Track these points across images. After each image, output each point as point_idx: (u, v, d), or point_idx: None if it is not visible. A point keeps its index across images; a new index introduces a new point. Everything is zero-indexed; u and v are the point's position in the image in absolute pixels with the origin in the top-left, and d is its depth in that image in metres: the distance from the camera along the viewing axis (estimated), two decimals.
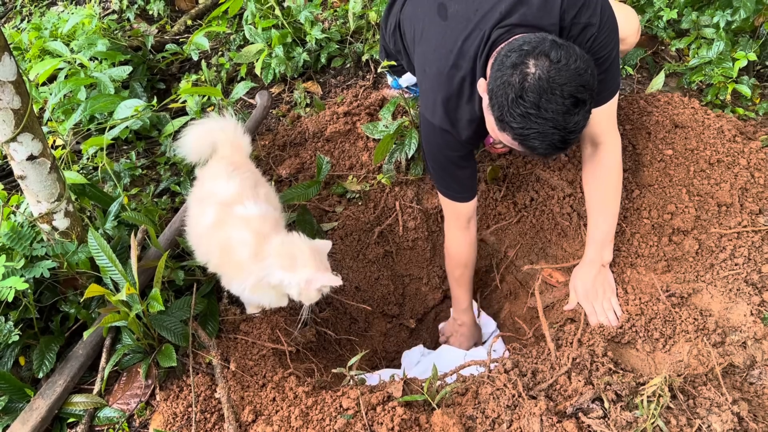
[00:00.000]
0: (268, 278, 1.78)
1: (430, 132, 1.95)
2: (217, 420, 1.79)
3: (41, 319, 1.98)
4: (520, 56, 1.51)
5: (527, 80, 1.49)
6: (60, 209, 1.94)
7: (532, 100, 1.49)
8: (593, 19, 1.76)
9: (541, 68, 1.48)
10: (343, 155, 2.71)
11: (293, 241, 1.81)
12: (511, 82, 1.51)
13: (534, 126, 1.52)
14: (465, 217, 2.15)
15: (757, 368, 1.78)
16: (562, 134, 1.53)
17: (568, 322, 2.10)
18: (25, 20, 3.97)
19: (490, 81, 1.60)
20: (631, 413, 1.57)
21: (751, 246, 2.02)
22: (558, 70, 1.48)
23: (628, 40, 2.19)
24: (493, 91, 1.58)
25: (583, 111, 1.54)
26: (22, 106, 1.70)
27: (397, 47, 2.21)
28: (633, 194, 2.26)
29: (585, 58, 1.52)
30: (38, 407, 1.76)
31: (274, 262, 1.77)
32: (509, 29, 1.71)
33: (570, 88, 1.48)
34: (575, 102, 1.50)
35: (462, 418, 1.66)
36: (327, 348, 2.32)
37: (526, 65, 1.50)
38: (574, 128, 1.53)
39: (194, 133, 2.11)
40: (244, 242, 1.79)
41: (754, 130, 2.40)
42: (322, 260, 1.82)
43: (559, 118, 1.50)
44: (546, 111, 1.49)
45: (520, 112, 1.51)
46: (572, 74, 1.48)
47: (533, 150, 1.59)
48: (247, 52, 2.95)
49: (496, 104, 1.57)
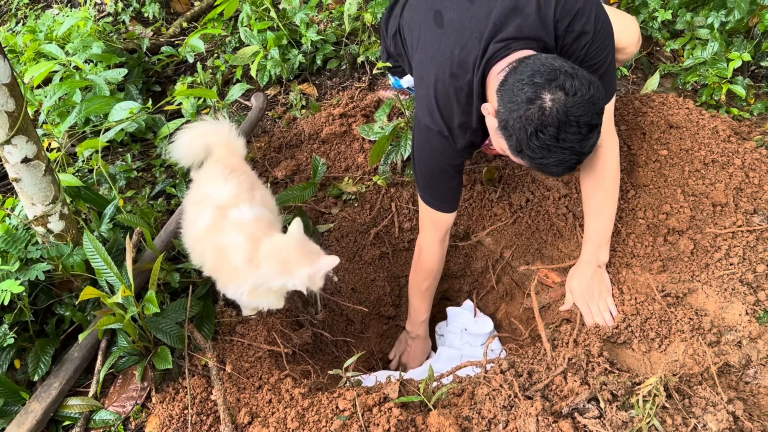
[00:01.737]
0: (267, 284, 1.78)
1: (426, 137, 1.94)
2: (213, 422, 1.78)
3: (36, 321, 1.97)
4: (535, 90, 1.54)
5: (545, 115, 1.53)
6: (55, 212, 1.93)
7: (552, 134, 1.53)
8: (587, 26, 1.77)
9: (558, 103, 1.52)
10: (338, 157, 2.71)
11: (279, 243, 1.80)
12: (528, 116, 1.54)
13: (554, 156, 1.57)
14: (443, 228, 2.15)
15: (753, 367, 1.79)
16: (579, 158, 1.60)
17: (564, 322, 2.10)
18: (20, 23, 3.96)
19: (502, 111, 1.62)
20: (626, 413, 1.57)
21: (746, 246, 2.02)
22: (574, 103, 1.52)
23: (627, 50, 2.18)
24: (508, 122, 1.60)
25: (597, 133, 1.60)
26: (17, 108, 1.70)
27: (397, 50, 2.21)
28: (628, 194, 2.26)
29: (596, 84, 1.57)
30: (33, 410, 1.75)
31: (268, 270, 1.76)
32: (506, 44, 1.72)
33: (586, 118, 1.53)
34: (590, 129, 1.56)
35: (458, 418, 1.66)
36: (323, 350, 2.32)
37: (542, 100, 1.53)
38: (589, 150, 1.61)
39: (187, 137, 2.10)
40: (238, 247, 1.78)
41: (749, 131, 2.41)
42: (311, 249, 1.81)
43: (576, 146, 1.56)
44: (565, 141, 1.54)
45: (539, 145, 1.56)
46: (587, 105, 1.53)
47: (550, 174, 1.67)
48: (243, 54, 2.95)
49: (513, 136, 1.60)
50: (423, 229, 2.20)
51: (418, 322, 2.40)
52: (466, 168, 2.60)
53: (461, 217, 2.53)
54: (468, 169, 2.59)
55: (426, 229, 2.18)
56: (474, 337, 2.44)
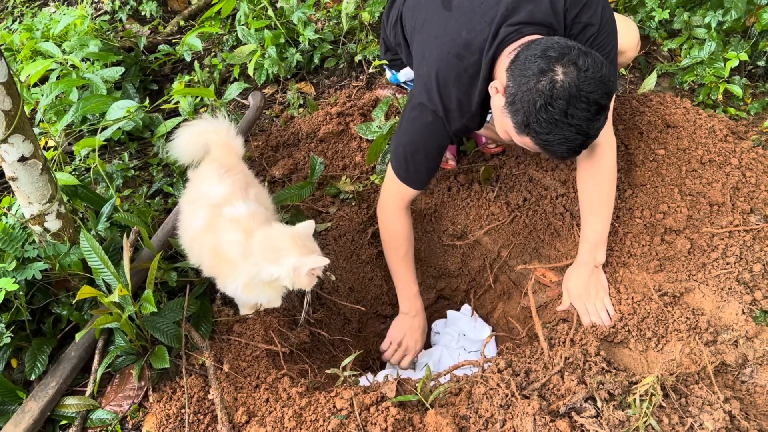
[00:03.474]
0: (259, 276, 1.78)
1: (419, 113, 1.92)
2: (210, 421, 1.78)
3: (33, 321, 1.97)
4: (548, 63, 1.53)
5: (556, 87, 1.52)
6: (52, 211, 1.93)
7: (561, 108, 1.52)
8: (593, 19, 1.78)
9: (571, 76, 1.51)
10: (336, 156, 2.71)
11: (273, 232, 1.79)
12: (538, 88, 1.54)
13: (560, 132, 1.56)
14: (408, 200, 2.16)
15: (749, 367, 1.79)
16: (584, 139, 1.58)
17: (560, 321, 2.11)
18: (17, 21, 3.95)
19: (512, 85, 1.61)
20: (623, 412, 1.58)
21: (743, 245, 2.03)
22: (585, 79, 1.51)
23: (627, 53, 2.19)
24: (516, 95, 1.59)
25: (604, 116, 1.58)
26: (13, 107, 1.69)
27: (396, 40, 2.21)
28: (625, 194, 2.27)
29: (608, 66, 1.56)
30: (30, 409, 1.75)
31: (259, 258, 1.75)
32: (518, 28, 1.72)
33: (596, 96, 1.52)
34: (599, 109, 1.55)
35: (455, 417, 1.66)
36: (321, 349, 2.32)
37: (554, 72, 1.52)
38: (595, 134, 1.60)
39: (187, 135, 2.10)
40: (234, 241, 1.78)
41: (746, 130, 2.41)
42: (306, 243, 1.80)
43: (584, 124, 1.54)
44: (573, 118, 1.53)
45: (547, 119, 1.54)
46: (598, 83, 1.52)
47: (553, 154, 1.64)
48: (240, 53, 2.95)
49: (520, 109, 1.59)
50: (387, 199, 2.19)
51: (411, 295, 2.33)
52: (463, 167, 2.60)
53: (458, 216, 2.53)
54: (465, 168, 2.60)
55: (391, 199, 2.18)
56: (471, 343, 2.44)
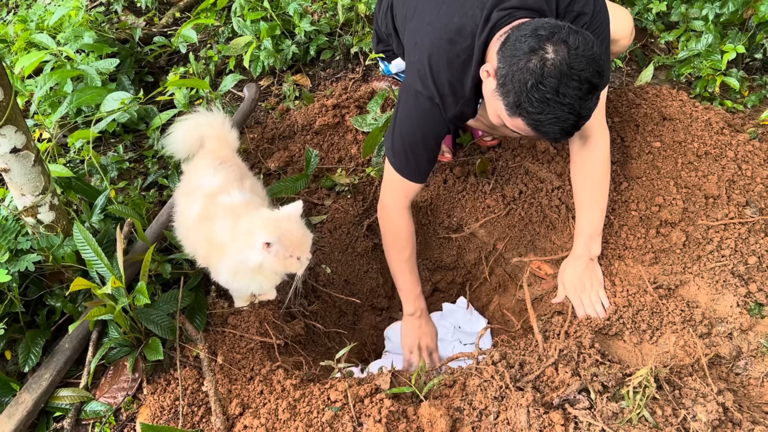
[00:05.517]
0: (246, 262, 1.75)
1: (416, 103, 1.89)
2: (204, 413, 1.78)
3: (27, 312, 1.96)
4: (538, 41, 1.52)
5: (546, 66, 1.51)
6: (45, 202, 1.92)
7: (552, 86, 1.51)
8: (586, 8, 1.78)
9: (561, 54, 1.50)
10: (332, 148, 2.70)
11: (251, 217, 1.77)
12: (529, 67, 1.53)
13: (551, 111, 1.54)
14: (410, 196, 2.10)
15: (743, 359, 1.79)
16: (576, 119, 1.56)
17: (555, 314, 2.10)
18: (11, 12, 3.93)
19: (503, 66, 1.60)
20: (617, 404, 1.58)
21: (738, 238, 2.03)
22: (576, 56, 1.50)
23: (621, 42, 2.18)
24: (507, 76, 1.58)
25: (596, 96, 1.57)
26: (5, 98, 1.68)
27: (388, 30, 2.19)
28: (621, 186, 2.26)
29: (599, 45, 1.55)
30: (24, 401, 1.75)
31: (241, 243, 1.73)
32: (510, 12, 1.71)
33: (587, 74, 1.51)
34: (590, 88, 1.53)
35: (449, 409, 1.66)
36: (316, 341, 2.32)
37: (545, 50, 1.51)
38: (587, 114, 1.58)
39: (182, 130, 2.09)
40: (225, 227, 1.77)
41: (742, 123, 2.41)
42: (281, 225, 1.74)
43: (575, 103, 1.53)
44: (564, 96, 1.52)
45: (538, 98, 1.53)
46: (589, 60, 1.51)
47: (545, 135, 1.62)
48: (236, 45, 2.94)
49: (511, 90, 1.57)
50: (389, 198, 2.12)
51: (415, 296, 2.28)
52: (459, 160, 2.59)
53: (454, 209, 2.53)
54: (461, 161, 2.59)
55: (392, 195, 2.11)
56: (466, 336, 2.43)
